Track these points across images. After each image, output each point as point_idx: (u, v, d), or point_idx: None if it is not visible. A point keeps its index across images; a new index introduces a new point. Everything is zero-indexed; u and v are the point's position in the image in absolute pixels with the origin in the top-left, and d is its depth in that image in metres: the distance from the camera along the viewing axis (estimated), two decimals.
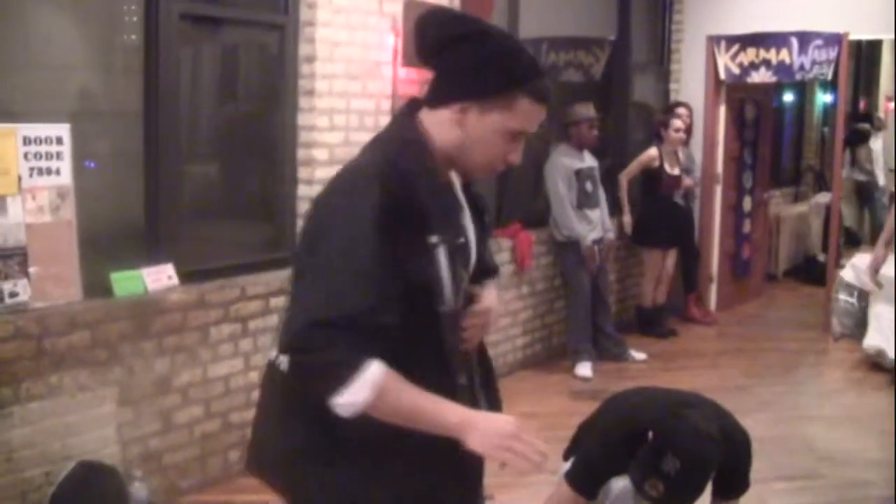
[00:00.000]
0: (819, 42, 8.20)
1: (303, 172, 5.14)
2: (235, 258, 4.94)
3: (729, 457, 3.21)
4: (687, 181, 8.17)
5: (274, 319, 4.88)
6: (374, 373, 1.89)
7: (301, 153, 5.14)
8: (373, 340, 1.90)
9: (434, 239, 2.03)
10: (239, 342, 4.73)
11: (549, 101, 2.13)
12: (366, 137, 5.25)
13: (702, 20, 8.77)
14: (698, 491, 3.17)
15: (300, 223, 5.13)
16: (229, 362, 4.70)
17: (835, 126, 9.68)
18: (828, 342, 7.91)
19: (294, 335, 1.91)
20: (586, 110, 6.92)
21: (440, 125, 2.10)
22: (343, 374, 1.87)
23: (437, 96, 2.11)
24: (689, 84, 8.82)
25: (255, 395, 4.73)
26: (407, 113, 2.17)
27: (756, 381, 6.86)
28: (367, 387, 1.88)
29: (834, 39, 8.16)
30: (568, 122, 6.90)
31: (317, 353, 1.88)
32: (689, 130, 8.21)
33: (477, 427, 1.97)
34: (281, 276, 4.95)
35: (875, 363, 7.09)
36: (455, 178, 2.23)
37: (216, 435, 4.67)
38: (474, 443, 1.97)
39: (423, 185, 2.03)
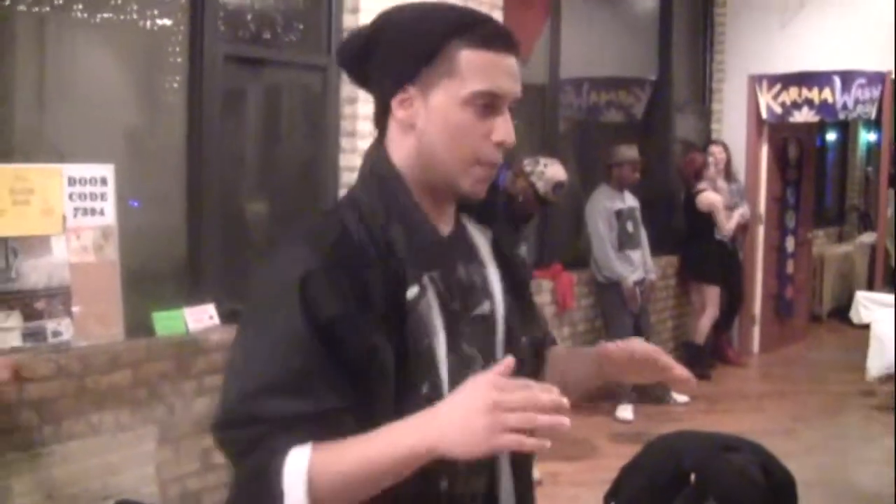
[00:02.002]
0: (862, 81, 8.15)
1: None
2: None
3: (773, 501, 3.16)
4: (735, 217, 8.08)
5: None
6: (299, 463, 1.42)
7: (343, 194, 5.14)
8: (299, 428, 1.44)
9: (413, 293, 1.52)
10: None
11: (508, 43, 1.58)
12: None
13: (743, 59, 8.75)
14: None
15: None
16: None
17: (879, 165, 9.59)
18: (874, 384, 7.78)
19: (215, 426, 1.52)
20: (630, 152, 6.90)
21: (395, 146, 1.60)
22: (269, 480, 1.42)
23: (378, 115, 1.64)
24: (731, 124, 8.79)
25: None
26: (373, 147, 1.68)
27: (801, 424, 6.76)
28: (299, 480, 1.41)
29: (877, 78, 8.11)
30: (611, 163, 6.88)
31: (239, 456, 1.46)
32: (725, 168, 8.16)
33: (446, 424, 1.37)
34: None
35: None
36: (477, 232, 1.72)
37: None
38: (458, 448, 1.36)
39: (396, 220, 1.56)
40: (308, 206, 5.14)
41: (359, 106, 5.07)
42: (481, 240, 1.72)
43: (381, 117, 1.62)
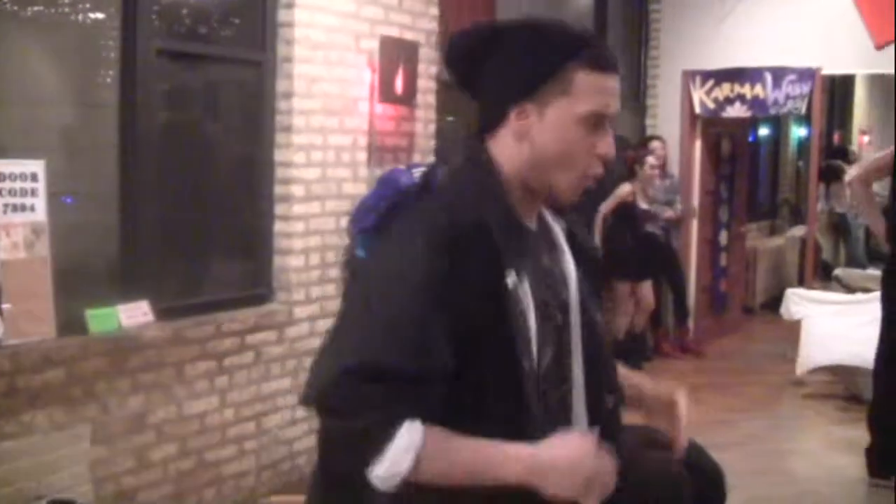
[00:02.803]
0: (793, 77, 8.29)
1: (280, 208, 5.13)
2: (212, 294, 4.92)
3: (701, 492, 3.19)
4: (669, 213, 8.20)
5: (250, 356, 4.86)
6: (412, 438, 1.60)
7: (278, 189, 5.13)
8: (415, 395, 1.62)
9: (511, 280, 1.70)
10: (215, 379, 4.70)
11: (615, 65, 1.78)
12: (343, 173, 5.33)
13: (677, 56, 8.85)
14: None
15: (278, 259, 5.12)
16: (205, 399, 4.67)
17: (810, 160, 9.77)
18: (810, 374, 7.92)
19: (320, 390, 1.66)
20: None
21: (504, 148, 1.78)
22: (377, 441, 1.59)
23: (489, 118, 1.81)
24: (665, 119, 8.89)
25: (231, 432, 4.74)
26: (472, 142, 1.87)
27: (736, 414, 6.87)
28: (408, 455, 1.59)
29: (807, 74, 8.25)
30: None
31: (347, 415, 1.61)
32: (664, 164, 8.25)
33: (550, 470, 1.64)
34: (258, 313, 4.95)
35: (853, 395, 7.11)
36: (552, 221, 1.90)
37: (191, 473, 4.62)
38: (554, 492, 1.64)
39: (492, 214, 1.72)
40: (244, 201, 5.12)
41: (294, 101, 5.05)
42: (557, 229, 1.91)
43: (493, 120, 1.79)
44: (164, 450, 4.49)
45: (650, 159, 7.99)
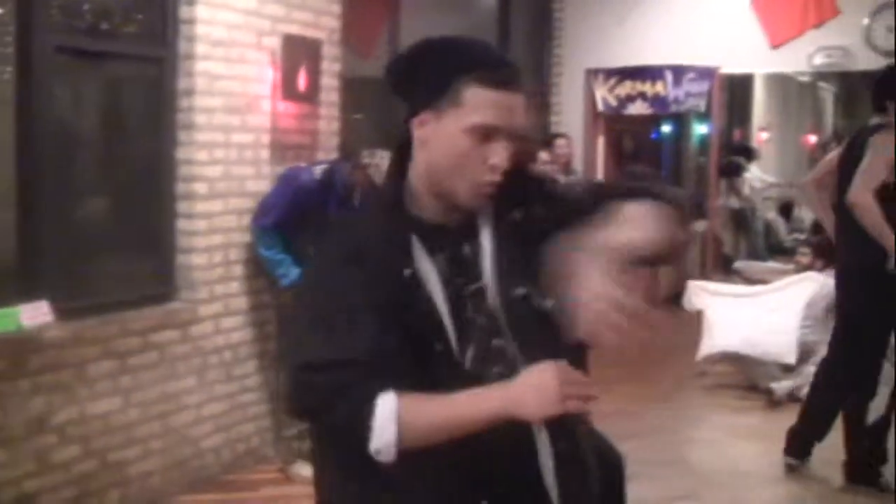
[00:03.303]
0: (692, 75, 8.50)
1: (182, 206, 5.10)
2: (114, 294, 4.87)
3: (603, 480, 3.27)
4: None
5: (154, 355, 4.83)
6: (388, 406, 1.77)
7: (181, 187, 5.10)
8: (370, 372, 1.78)
9: (408, 271, 1.87)
10: (118, 379, 4.66)
11: (510, 83, 1.89)
12: (246, 171, 5.32)
13: (580, 54, 9.00)
14: None
15: (181, 258, 5.10)
16: (108, 400, 4.62)
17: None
18: (706, 366, 8.10)
19: (291, 399, 1.90)
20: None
21: (415, 155, 1.94)
22: (360, 421, 1.76)
23: (406, 128, 1.96)
24: (569, 116, 9.03)
25: (136, 432, 4.71)
26: (392, 165, 2.04)
27: (640, 405, 7.00)
28: (390, 424, 1.76)
29: (707, 73, 8.47)
30: None
31: (323, 409, 1.80)
32: (568, 161, 8.37)
33: (523, 394, 1.77)
34: (161, 312, 4.92)
35: (752, 385, 7.30)
36: (486, 227, 1.98)
37: (94, 474, 4.57)
38: (533, 412, 1.77)
39: (395, 218, 1.92)
40: (145, 198, 5.08)
41: (196, 98, 5.03)
42: (490, 225, 1.97)
43: (407, 129, 1.95)
44: (66, 451, 4.43)
45: (542, 155, 8.07)
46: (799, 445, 5.34)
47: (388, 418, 1.76)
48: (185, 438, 5.05)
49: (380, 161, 5.33)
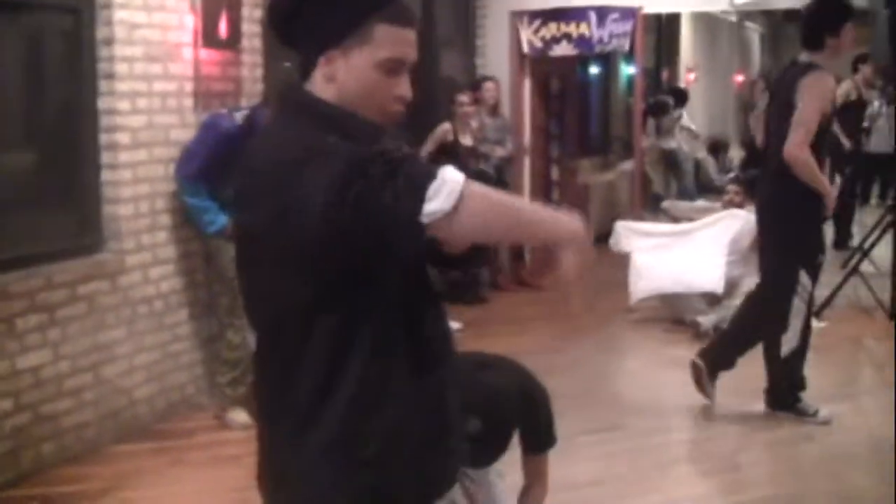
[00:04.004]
0: (616, 16, 8.56)
1: (106, 157, 5.07)
2: (39, 247, 4.83)
3: (529, 414, 3.37)
4: (500, 151, 8.37)
5: (82, 307, 4.83)
6: (455, 173, 1.79)
7: (104, 138, 5.07)
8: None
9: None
10: (47, 332, 4.66)
11: (412, 20, 2.00)
12: (170, 120, 5.30)
13: None
14: (501, 449, 3.33)
15: (107, 208, 5.08)
16: (38, 353, 4.62)
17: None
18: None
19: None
20: None
21: (318, 89, 1.98)
22: (429, 174, 1.77)
23: (304, 64, 2.01)
24: (495, 59, 9.04)
25: (68, 384, 4.72)
26: (292, 86, 2.08)
27: (567, 342, 7.14)
28: (458, 182, 1.77)
29: (629, 13, 8.54)
30: None
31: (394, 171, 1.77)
32: (496, 104, 8.42)
33: (585, 247, 1.85)
34: (88, 263, 4.91)
35: (677, 320, 7.47)
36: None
37: (27, 428, 4.58)
38: (569, 261, 1.85)
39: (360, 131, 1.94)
40: (68, 150, 5.03)
41: (115, 48, 4.98)
42: None
43: (306, 67, 2.00)
44: None
45: (461, 97, 8.09)
46: (710, 364, 5.49)
47: (456, 178, 1.77)
48: (117, 389, 5.07)
49: None
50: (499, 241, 1.85)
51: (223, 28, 5.56)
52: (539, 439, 3.51)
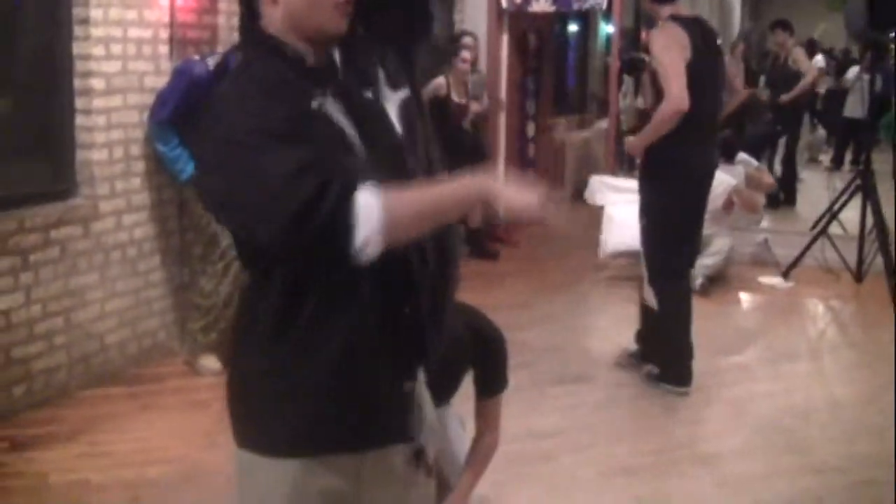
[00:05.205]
0: None
1: (80, 102, 5.06)
2: (13, 190, 4.83)
3: (482, 356, 3.40)
4: (475, 107, 8.39)
5: (55, 252, 4.84)
6: (369, 195, 1.77)
7: (78, 83, 5.05)
8: (348, 171, 1.80)
9: (316, 104, 1.89)
10: (19, 276, 4.67)
11: None
12: (144, 66, 5.30)
13: None
14: (451, 389, 3.38)
15: (81, 154, 5.08)
16: (10, 296, 4.64)
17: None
18: (607, 259, 8.34)
19: (279, 209, 1.76)
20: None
21: (268, 19, 1.95)
22: (348, 212, 1.75)
23: (249, 3, 1.99)
24: (473, 14, 9.03)
25: (39, 328, 4.75)
26: (243, 27, 2.05)
27: (539, 297, 7.22)
28: (375, 209, 1.76)
29: None
30: None
31: (312, 211, 1.74)
32: (475, 60, 8.42)
33: (505, 187, 1.85)
34: (61, 208, 4.92)
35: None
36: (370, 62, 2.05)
37: None
38: (514, 202, 1.85)
39: (282, 64, 1.91)
40: (44, 95, 5.02)
41: None
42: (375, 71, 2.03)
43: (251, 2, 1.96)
44: None
45: (464, 53, 8.13)
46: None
47: (373, 205, 1.76)
48: (89, 334, 5.10)
49: None
50: (427, 230, 1.81)
51: None
52: (491, 382, 3.48)
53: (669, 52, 4.91)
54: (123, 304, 5.31)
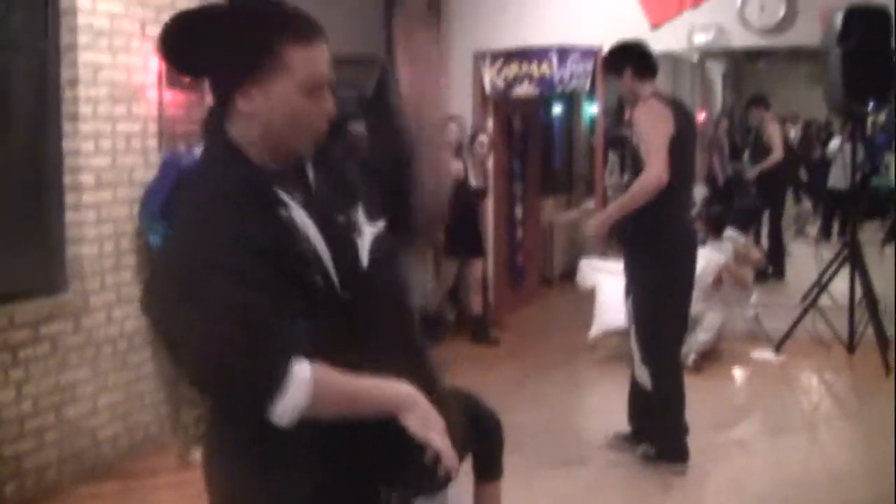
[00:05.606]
0: (576, 56, 8.67)
1: (70, 198, 5.10)
2: (3, 286, 4.84)
3: (479, 441, 3.38)
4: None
5: (45, 347, 4.83)
6: (305, 371, 1.79)
7: (68, 178, 5.10)
8: (287, 339, 1.81)
9: (284, 213, 1.90)
10: (9, 372, 4.66)
11: (319, 31, 1.93)
12: (133, 160, 5.34)
13: (468, 36, 9.08)
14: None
15: (70, 249, 5.10)
16: (0, 392, 4.62)
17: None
18: (603, 339, 8.32)
19: (207, 355, 1.80)
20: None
21: (239, 127, 1.93)
22: (276, 381, 1.78)
23: (218, 98, 1.95)
24: (458, 98, 9.12)
25: (30, 424, 4.71)
26: (211, 129, 2.00)
27: (530, 378, 7.19)
28: (305, 387, 1.79)
29: (590, 54, 8.65)
30: None
31: (240, 366, 1.79)
32: (460, 145, 8.49)
33: (419, 407, 1.90)
34: (51, 304, 4.92)
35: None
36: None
37: None
38: (413, 421, 1.89)
39: (248, 187, 1.91)
40: (32, 190, 5.05)
41: (80, 89, 5.03)
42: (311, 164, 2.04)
43: (221, 101, 1.94)
44: None
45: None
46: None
47: (304, 380, 1.78)
48: (80, 429, 5.07)
49: None
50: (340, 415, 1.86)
51: None
52: (489, 466, 3.46)
53: (655, 128, 5.01)
54: (115, 398, 5.29)
